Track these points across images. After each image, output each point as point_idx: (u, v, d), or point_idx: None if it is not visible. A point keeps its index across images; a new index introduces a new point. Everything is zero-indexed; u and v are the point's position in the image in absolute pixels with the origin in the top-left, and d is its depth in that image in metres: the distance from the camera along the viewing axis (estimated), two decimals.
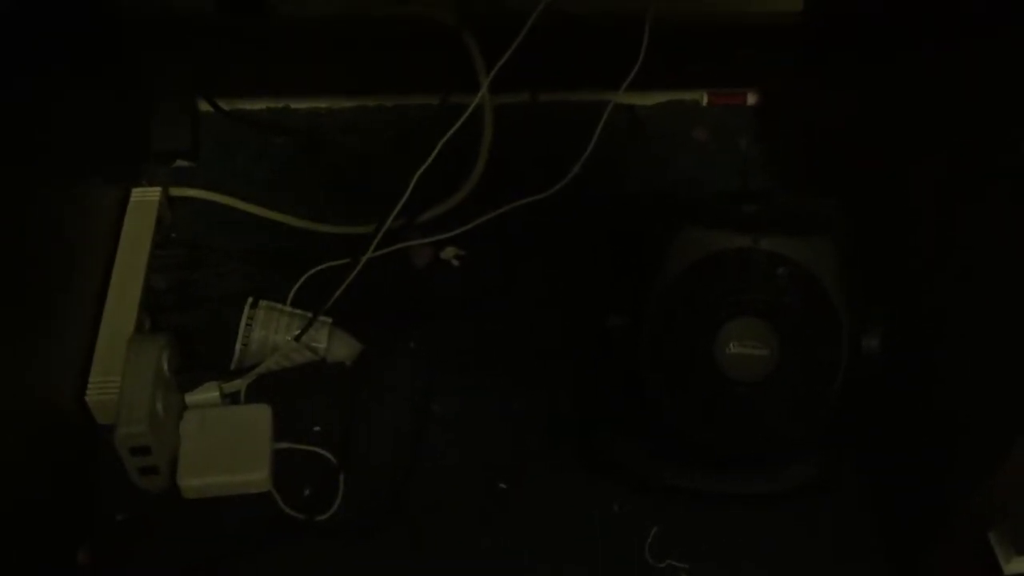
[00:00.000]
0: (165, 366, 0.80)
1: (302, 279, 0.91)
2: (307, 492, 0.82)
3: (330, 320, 0.88)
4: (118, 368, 0.79)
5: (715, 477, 0.81)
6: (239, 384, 0.85)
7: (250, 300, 0.88)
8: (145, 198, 0.94)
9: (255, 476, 0.80)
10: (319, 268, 0.92)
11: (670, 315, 0.75)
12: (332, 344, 0.88)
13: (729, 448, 0.78)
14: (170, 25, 0.96)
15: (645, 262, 0.77)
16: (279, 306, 0.89)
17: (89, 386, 0.81)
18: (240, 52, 1.01)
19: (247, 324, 0.87)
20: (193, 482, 0.79)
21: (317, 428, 0.85)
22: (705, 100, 1.11)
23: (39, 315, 0.76)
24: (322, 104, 1.08)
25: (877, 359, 0.75)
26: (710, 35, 1.02)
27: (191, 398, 0.83)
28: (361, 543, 0.79)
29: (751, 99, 1.11)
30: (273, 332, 0.87)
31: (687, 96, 1.11)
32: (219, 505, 0.80)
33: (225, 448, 0.80)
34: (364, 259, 0.89)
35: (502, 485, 0.83)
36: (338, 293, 0.88)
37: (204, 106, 1.05)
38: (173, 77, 1.02)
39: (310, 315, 0.87)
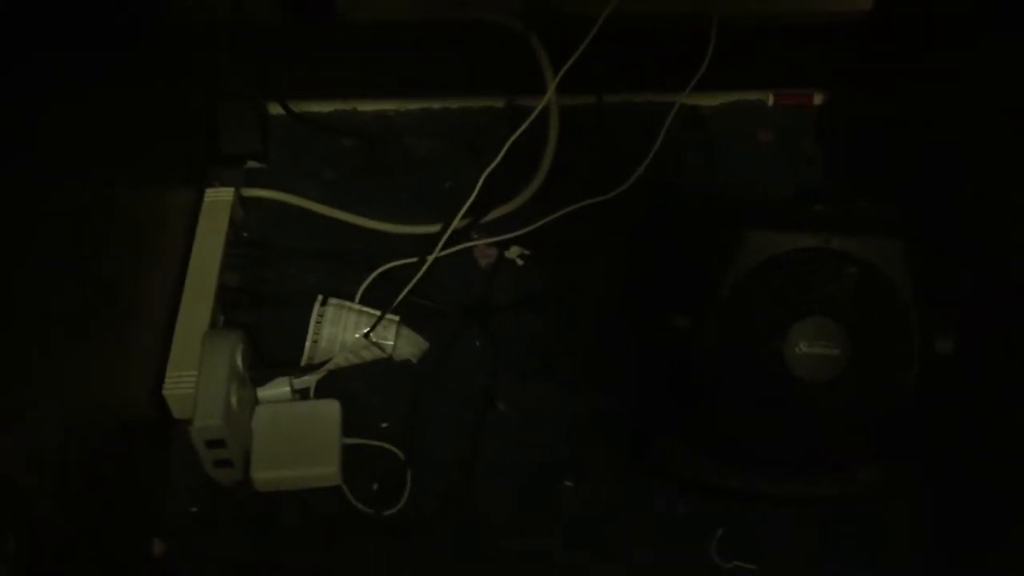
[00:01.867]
0: (239, 362, 0.81)
1: (370, 278, 0.93)
2: (375, 487, 0.83)
3: (397, 318, 0.90)
4: (194, 363, 0.81)
5: (780, 480, 0.80)
6: (309, 380, 0.87)
7: (320, 298, 0.90)
8: (218, 198, 0.96)
9: (325, 470, 0.81)
10: (387, 267, 0.93)
11: (738, 314, 0.74)
12: (399, 342, 0.89)
13: (797, 450, 0.78)
14: (240, 29, 0.98)
15: (711, 262, 0.77)
16: (348, 304, 0.90)
17: (166, 381, 0.83)
18: (309, 55, 1.03)
19: (317, 321, 0.89)
20: (265, 475, 0.81)
21: (384, 424, 0.86)
22: (771, 101, 1.10)
23: (118, 312, 0.78)
24: (389, 106, 1.09)
25: (951, 362, 0.74)
26: (777, 35, 1.01)
27: (263, 393, 0.85)
28: (428, 537, 0.80)
29: (817, 100, 1.10)
30: (342, 329, 0.88)
31: (752, 96, 1.10)
32: (290, 498, 0.81)
33: (296, 442, 0.82)
34: (431, 259, 0.90)
35: (567, 483, 0.84)
36: (405, 292, 0.89)
37: (275, 109, 1.07)
38: (243, 81, 1.04)
39: (378, 313, 0.89)
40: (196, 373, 0.80)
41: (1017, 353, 0.74)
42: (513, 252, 0.98)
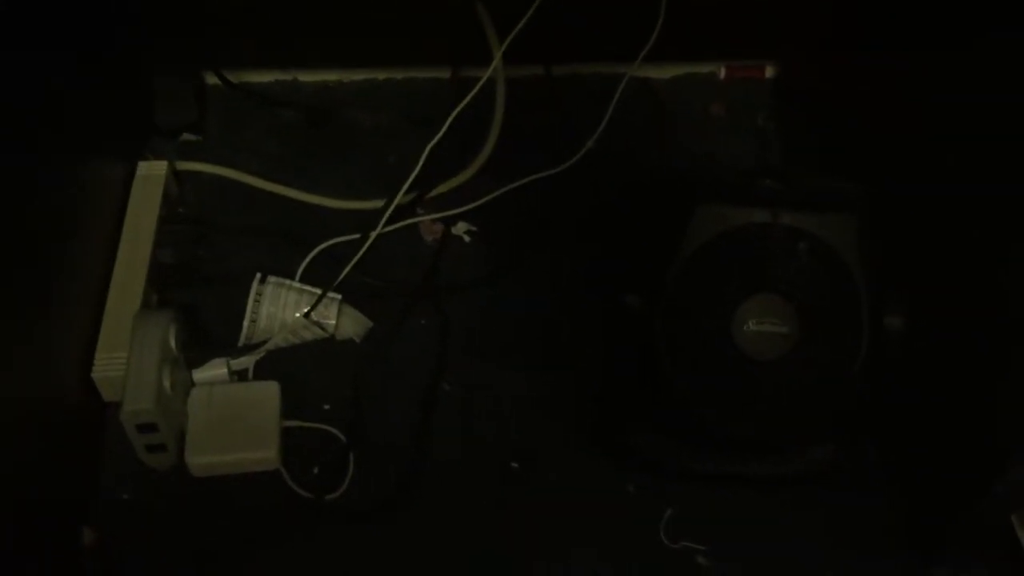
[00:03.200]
0: (172, 342, 0.79)
1: (311, 255, 0.90)
2: (316, 470, 0.81)
3: (339, 297, 0.87)
4: (124, 344, 0.78)
5: (732, 459, 0.80)
6: (247, 361, 0.84)
7: (258, 276, 0.87)
8: (151, 172, 0.92)
9: (264, 454, 0.79)
10: (328, 244, 0.91)
11: (688, 292, 0.73)
12: (341, 321, 0.87)
13: (746, 429, 0.77)
14: None
15: (662, 238, 0.76)
16: (288, 282, 0.88)
17: (95, 363, 0.80)
18: (248, 24, 0.99)
19: (255, 300, 0.86)
20: (201, 460, 0.78)
21: (326, 406, 0.84)
22: (722, 73, 1.09)
23: (44, 292, 0.75)
24: (331, 77, 1.06)
25: (899, 338, 0.73)
26: (728, 6, 1.00)
27: (199, 375, 0.82)
28: (370, 522, 0.78)
29: (769, 73, 1.09)
30: (282, 308, 0.86)
31: (704, 69, 1.09)
32: (227, 483, 0.79)
33: (233, 426, 0.79)
34: (374, 235, 0.88)
35: (514, 465, 0.82)
36: (347, 269, 0.87)
37: (211, 79, 1.03)
38: (179, 50, 1.00)
39: (319, 291, 0.86)
40: (127, 354, 0.77)
41: (976, 331, 0.73)
42: (460, 228, 0.96)
